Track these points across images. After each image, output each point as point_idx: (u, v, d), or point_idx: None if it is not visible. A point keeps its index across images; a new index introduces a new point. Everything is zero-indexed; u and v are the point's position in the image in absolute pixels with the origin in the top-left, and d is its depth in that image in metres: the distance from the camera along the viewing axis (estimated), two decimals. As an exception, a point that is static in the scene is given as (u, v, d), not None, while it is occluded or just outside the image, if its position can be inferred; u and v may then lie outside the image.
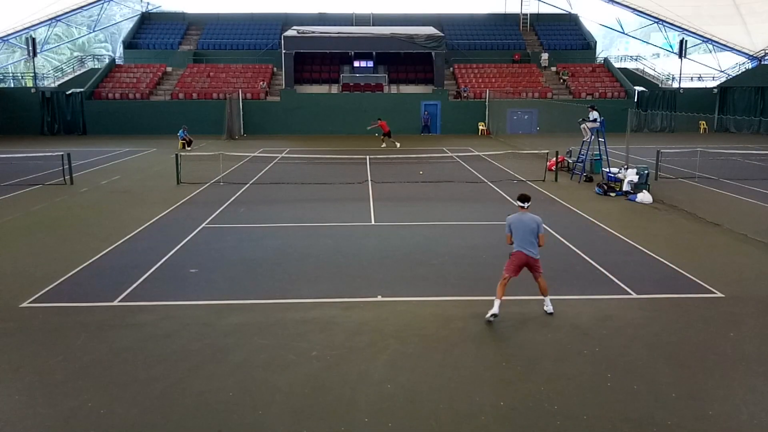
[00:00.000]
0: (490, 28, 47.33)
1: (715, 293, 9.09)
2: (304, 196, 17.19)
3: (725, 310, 8.42)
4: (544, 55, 43.30)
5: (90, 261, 10.75)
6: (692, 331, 7.71)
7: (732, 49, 46.63)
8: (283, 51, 38.68)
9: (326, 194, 17.40)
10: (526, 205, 8.03)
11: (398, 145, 30.74)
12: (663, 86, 43.42)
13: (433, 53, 40.10)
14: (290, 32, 40.13)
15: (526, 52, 44.97)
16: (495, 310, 7.90)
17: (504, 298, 8.89)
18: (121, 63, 44.24)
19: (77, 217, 14.56)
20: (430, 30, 41.48)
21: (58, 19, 45.41)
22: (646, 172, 17.38)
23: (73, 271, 10.16)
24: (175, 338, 7.50)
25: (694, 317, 8.19)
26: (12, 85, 46.86)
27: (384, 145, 30.88)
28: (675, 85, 43.79)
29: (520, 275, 8.22)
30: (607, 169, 18.52)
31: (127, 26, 51.91)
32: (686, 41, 44.77)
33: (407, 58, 42.08)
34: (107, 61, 44.69)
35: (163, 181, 19.65)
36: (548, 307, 8.19)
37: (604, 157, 20.17)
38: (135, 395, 6.11)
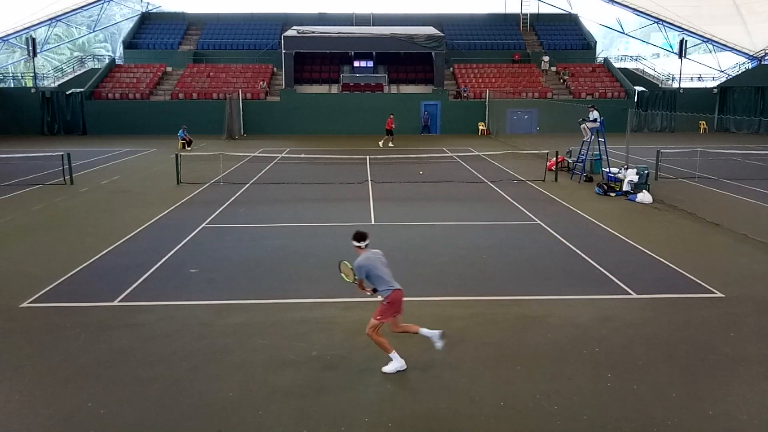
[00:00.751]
0: (490, 28, 47.32)
1: (715, 293, 9.09)
2: (304, 196, 17.19)
3: (725, 310, 8.42)
4: (546, 58, 43.20)
5: (90, 261, 10.75)
6: (692, 331, 7.71)
7: (732, 49, 46.63)
8: (283, 51, 38.69)
9: (326, 194, 17.40)
10: (364, 244, 6.87)
11: (391, 144, 30.73)
12: (663, 86, 43.42)
13: (433, 53, 40.10)
14: (290, 32, 40.13)
15: (526, 52, 44.97)
16: (401, 363, 6.65)
17: (500, 297, 8.90)
18: (121, 63, 44.23)
19: (77, 217, 14.56)
20: (430, 30, 41.48)
21: (58, 19, 45.40)
22: (646, 172, 17.39)
23: (73, 271, 10.16)
24: (175, 338, 7.50)
25: (694, 317, 8.19)
26: (12, 85, 46.84)
27: (381, 144, 30.86)
28: (675, 85, 43.79)
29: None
30: (607, 169, 18.53)
31: (127, 26, 51.90)
32: (686, 41, 44.76)
33: (407, 58, 42.07)
34: (107, 61, 44.68)
35: (163, 181, 19.65)
36: (438, 343, 6.81)
37: (604, 157, 20.17)
38: (135, 395, 6.12)
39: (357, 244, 6.90)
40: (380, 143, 31.09)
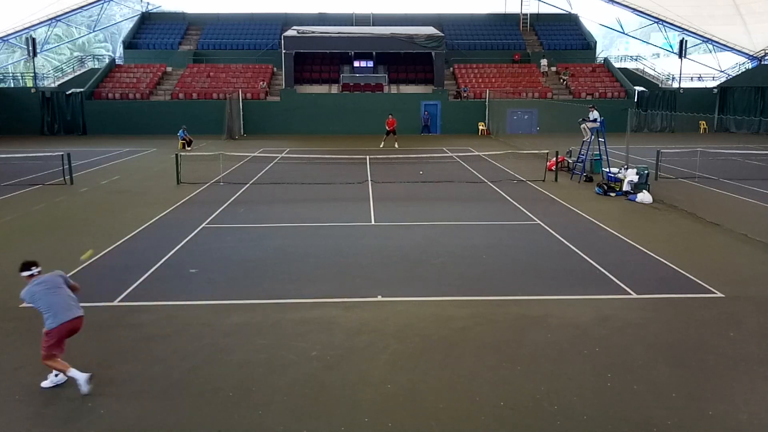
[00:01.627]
0: (490, 28, 47.32)
1: (715, 293, 9.09)
2: (304, 196, 17.19)
3: (725, 310, 8.43)
4: (544, 61, 42.93)
5: (90, 261, 10.75)
6: (692, 331, 7.71)
7: (732, 49, 46.63)
8: (283, 51, 38.68)
9: (326, 194, 17.40)
10: (28, 273, 6.45)
11: (396, 145, 30.71)
12: (663, 86, 43.42)
13: (433, 53, 40.09)
14: (290, 32, 40.13)
15: (526, 52, 44.96)
16: (83, 378, 6.11)
17: (500, 297, 8.91)
18: (121, 63, 44.22)
19: (77, 217, 14.56)
20: (430, 30, 41.48)
21: (58, 19, 45.38)
22: (646, 172, 17.38)
23: (73, 272, 10.15)
24: (175, 338, 7.50)
25: (694, 317, 8.19)
26: (12, 85, 46.85)
27: (383, 144, 30.81)
28: (675, 85, 43.77)
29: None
30: (607, 169, 18.53)
31: (127, 26, 51.91)
32: (686, 41, 44.76)
33: (407, 58, 42.07)
34: (107, 61, 44.67)
35: (163, 181, 19.65)
36: (84, 387, 6.11)
37: (604, 157, 20.16)
38: (135, 395, 6.11)
39: (24, 274, 6.44)
40: (396, 144, 30.98)
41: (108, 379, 6.44)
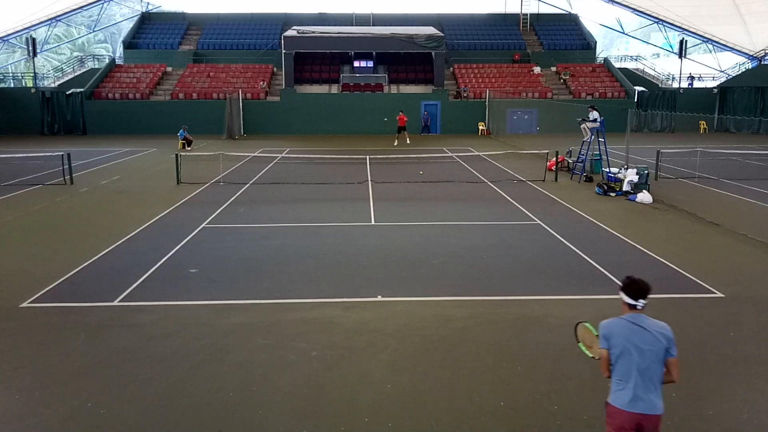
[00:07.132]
0: (490, 28, 47.33)
1: (715, 293, 9.09)
2: (304, 196, 17.19)
3: (725, 310, 8.42)
4: (537, 69, 42.61)
5: (90, 261, 10.75)
6: (692, 331, 7.71)
7: (732, 49, 46.63)
8: (283, 51, 38.69)
9: (326, 194, 17.40)
10: (641, 303, 4.17)
11: (408, 141, 31.05)
12: (663, 86, 43.41)
13: (433, 53, 40.10)
14: (290, 32, 40.14)
15: (526, 52, 44.96)
16: None
17: (500, 297, 8.91)
18: (121, 63, 44.22)
19: (77, 217, 14.56)
20: (430, 30, 41.48)
21: (58, 19, 45.40)
22: (646, 172, 17.38)
23: (73, 271, 10.16)
24: (175, 338, 7.50)
25: (694, 317, 8.19)
26: (12, 85, 46.81)
27: (396, 143, 30.99)
28: (675, 85, 43.77)
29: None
30: (607, 169, 18.52)
31: (127, 26, 51.92)
32: (686, 41, 44.76)
33: (407, 58, 42.07)
34: (107, 61, 44.67)
35: (163, 181, 19.65)
36: None
37: (604, 157, 20.17)
38: (135, 395, 6.11)
39: (630, 300, 4.24)
40: (407, 140, 31.51)
41: (108, 379, 6.44)
